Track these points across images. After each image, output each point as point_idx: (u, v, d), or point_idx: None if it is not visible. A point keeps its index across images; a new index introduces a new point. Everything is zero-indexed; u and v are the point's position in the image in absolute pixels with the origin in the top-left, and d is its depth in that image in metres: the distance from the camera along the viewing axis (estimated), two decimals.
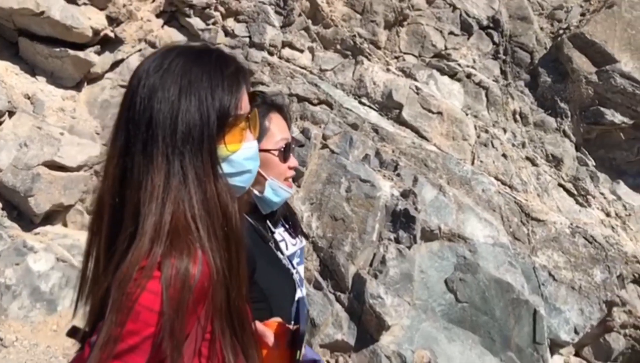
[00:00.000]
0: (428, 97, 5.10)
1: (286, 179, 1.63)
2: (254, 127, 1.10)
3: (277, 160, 1.60)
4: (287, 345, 1.09)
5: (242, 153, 1.04)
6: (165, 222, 0.91)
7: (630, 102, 4.95)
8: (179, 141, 0.95)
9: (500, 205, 4.60)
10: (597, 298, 4.41)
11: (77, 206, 4.31)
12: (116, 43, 4.90)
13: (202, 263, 0.90)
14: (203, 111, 0.97)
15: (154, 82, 0.98)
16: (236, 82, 1.03)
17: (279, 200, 1.61)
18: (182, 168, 0.95)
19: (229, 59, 1.07)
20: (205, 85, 0.99)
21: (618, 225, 4.84)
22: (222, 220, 0.96)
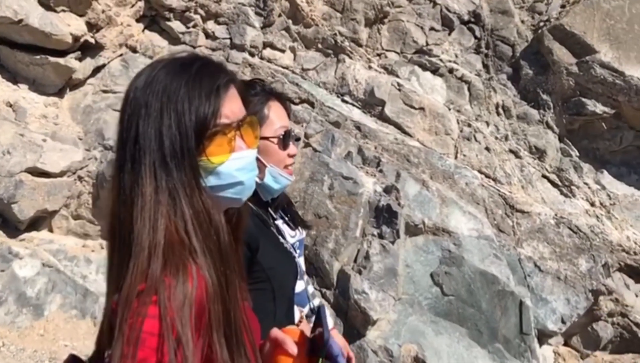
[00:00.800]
0: (410, 93, 5.13)
1: (286, 166, 1.64)
2: (250, 135, 1.06)
3: (277, 148, 1.61)
4: (306, 352, 1.07)
5: (231, 164, 1.01)
6: (159, 239, 0.91)
7: (611, 92, 4.98)
8: (165, 158, 0.96)
9: (484, 198, 4.62)
10: (583, 287, 4.43)
11: (62, 211, 4.32)
12: (97, 49, 4.91)
13: (197, 277, 0.90)
14: (181, 125, 0.96)
15: (139, 99, 0.99)
16: (216, 91, 1.00)
17: (279, 187, 1.63)
18: (169, 184, 0.95)
19: (211, 68, 1.04)
20: (183, 98, 0.98)
21: (603, 214, 4.86)
22: (213, 233, 0.96)
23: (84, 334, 3.75)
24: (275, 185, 1.62)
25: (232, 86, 1.05)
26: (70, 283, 3.95)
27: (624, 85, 4.92)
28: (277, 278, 1.53)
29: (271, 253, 1.56)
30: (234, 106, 1.03)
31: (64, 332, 3.74)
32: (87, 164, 4.37)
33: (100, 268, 4.18)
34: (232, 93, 1.04)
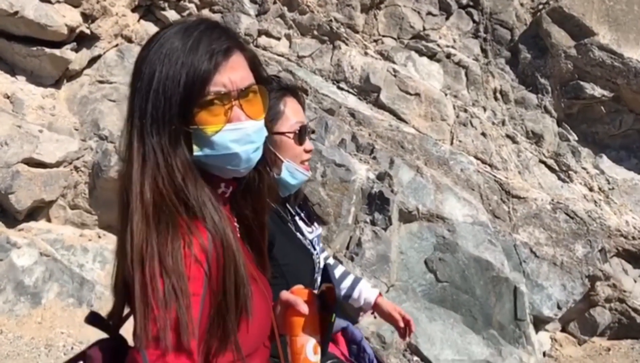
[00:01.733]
0: (405, 79, 5.09)
1: (302, 162, 1.64)
2: (255, 106, 1.01)
3: (293, 143, 1.61)
4: (317, 310, 1.10)
5: (226, 135, 0.97)
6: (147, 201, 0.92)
7: (610, 75, 4.91)
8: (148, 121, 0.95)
9: (480, 184, 4.60)
10: (579, 273, 4.41)
11: (59, 201, 4.37)
12: (92, 40, 4.93)
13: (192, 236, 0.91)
14: (167, 90, 0.94)
15: (140, 61, 0.99)
16: (211, 57, 0.95)
17: (296, 182, 1.64)
18: (153, 148, 0.95)
19: (214, 33, 0.99)
20: (177, 62, 0.95)
21: (601, 199, 4.82)
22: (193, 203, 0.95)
23: (80, 322, 3.81)
24: (293, 180, 1.62)
25: (236, 53, 1.00)
26: (67, 272, 4.01)
27: (622, 67, 4.85)
28: (292, 274, 1.53)
29: (287, 249, 1.57)
30: (234, 75, 0.98)
31: (60, 319, 3.81)
32: (83, 155, 4.42)
33: (97, 257, 4.24)
34: (234, 61, 0.99)
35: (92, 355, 1.02)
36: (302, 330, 1.09)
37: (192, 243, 0.90)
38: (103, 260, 4.23)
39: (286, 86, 1.68)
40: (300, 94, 1.73)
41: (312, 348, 1.09)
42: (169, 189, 0.94)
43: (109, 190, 4.38)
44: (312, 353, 1.09)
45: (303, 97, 1.74)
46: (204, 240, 0.92)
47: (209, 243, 0.93)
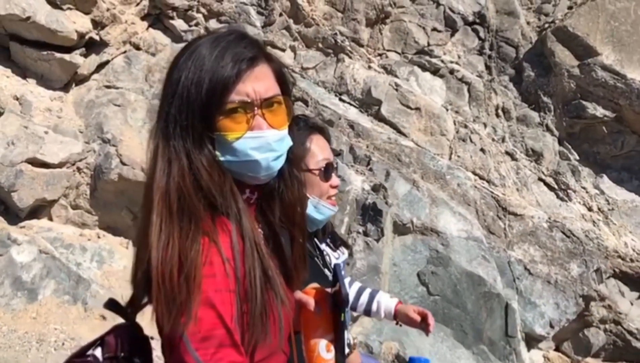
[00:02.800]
0: (407, 93, 5.14)
1: (329, 197, 1.67)
2: (278, 116, 1.04)
3: (319, 179, 1.64)
4: (329, 308, 1.11)
5: (247, 142, 1.00)
6: (172, 200, 0.95)
7: (612, 95, 4.90)
8: (170, 125, 0.99)
9: (476, 199, 4.60)
10: (574, 292, 4.37)
11: (61, 201, 4.47)
12: (101, 46, 5.07)
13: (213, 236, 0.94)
14: (190, 95, 0.98)
15: (171, 67, 1.03)
16: (235, 67, 0.98)
17: (322, 218, 1.66)
18: (179, 149, 0.98)
19: (241, 44, 1.02)
20: (205, 65, 0.98)
21: (600, 220, 4.79)
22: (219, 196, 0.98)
23: (74, 319, 3.89)
24: (319, 216, 1.65)
25: (262, 64, 1.03)
26: (64, 269, 4.10)
27: (625, 88, 4.84)
28: None
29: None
30: (259, 85, 1.01)
31: (55, 316, 3.88)
32: (86, 157, 4.52)
33: (95, 256, 4.33)
34: (259, 71, 1.02)
35: (109, 340, 1.06)
36: (315, 329, 1.11)
37: (220, 242, 0.94)
38: (101, 260, 4.31)
39: (313, 124, 1.73)
40: (327, 131, 1.77)
41: (324, 346, 1.11)
42: (193, 190, 0.96)
43: (109, 192, 4.48)
44: (325, 350, 1.11)
45: (329, 134, 1.79)
46: (231, 238, 0.96)
47: (235, 241, 0.96)
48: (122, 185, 4.40)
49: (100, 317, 3.89)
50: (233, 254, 0.94)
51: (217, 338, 0.89)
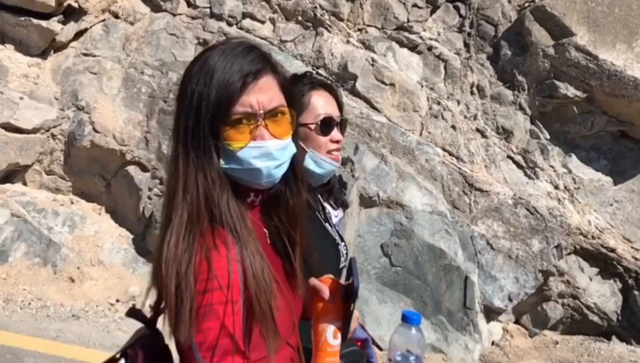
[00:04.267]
0: (382, 68, 5.18)
1: (329, 152, 1.68)
2: (282, 127, 1.09)
3: (315, 133, 1.66)
4: (341, 299, 1.17)
5: (249, 152, 1.05)
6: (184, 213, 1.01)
7: (584, 76, 4.94)
8: (183, 135, 1.04)
9: (443, 175, 4.69)
10: (533, 267, 4.49)
11: (35, 166, 4.56)
12: (80, 13, 5.10)
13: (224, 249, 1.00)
14: (201, 107, 1.03)
15: (184, 77, 1.08)
16: (241, 79, 1.04)
17: (322, 172, 1.67)
18: (194, 160, 1.03)
19: (248, 56, 1.07)
20: (214, 78, 1.03)
21: (565, 198, 4.87)
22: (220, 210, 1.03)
23: (43, 280, 4.01)
24: (319, 169, 1.65)
25: (267, 76, 1.08)
26: (35, 233, 4.21)
27: (597, 69, 4.87)
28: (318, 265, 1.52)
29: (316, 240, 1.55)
30: (262, 96, 1.05)
31: (25, 277, 4.01)
32: (61, 123, 4.60)
33: (67, 221, 4.43)
34: (264, 83, 1.07)
35: (132, 354, 1.10)
36: (325, 315, 1.17)
37: (222, 253, 0.99)
38: (72, 225, 4.42)
39: (317, 80, 1.75)
40: (333, 88, 1.78)
41: (332, 333, 1.16)
42: (204, 202, 1.02)
43: (82, 159, 4.56)
44: (332, 337, 1.16)
45: (336, 90, 1.79)
46: (230, 249, 1.01)
47: (237, 251, 1.01)
48: (95, 152, 4.48)
49: (69, 279, 4.02)
50: (238, 264, 1.00)
51: (222, 347, 0.96)
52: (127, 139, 4.53)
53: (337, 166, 1.70)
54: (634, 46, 4.89)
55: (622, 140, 5.08)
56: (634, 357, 4.32)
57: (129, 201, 4.54)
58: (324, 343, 1.17)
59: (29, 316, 3.39)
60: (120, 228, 4.50)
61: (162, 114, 4.69)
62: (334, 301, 1.17)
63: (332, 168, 1.69)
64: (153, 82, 4.89)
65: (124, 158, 4.52)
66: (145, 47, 5.09)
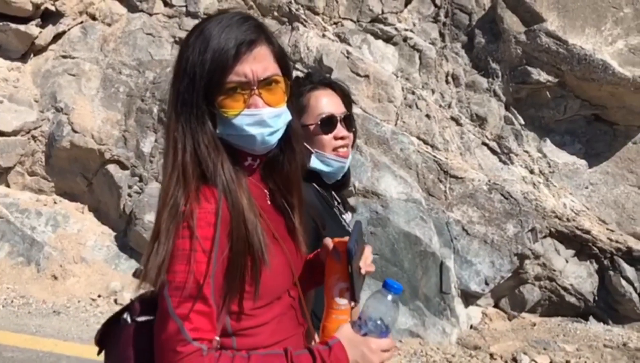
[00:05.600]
0: (357, 61, 5.25)
1: (335, 149, 1.71)
2: (275, 95, 1.14)
3: (317, 133, 1.69)
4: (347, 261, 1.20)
5: (243, 119, 1.11)
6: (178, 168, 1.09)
7: (555, 61, 5.00)
8: (179, 101, 1.10)
9: (418, 163, 4.77)
10: (509, 251, 4.57)
11: (17, 168, 4.65)
12: (57, 16, 5.18)
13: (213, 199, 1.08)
14: (196, 75, 1.08)
15: (181, 46, 1.15)
16: (235, 49, 1.08)
17: (331, 169, 1.70)
18: (184, 123, 1.10)
19: (243, 27, 1.12)
20: (210, 47, 1.08)
21: (541, 182, 4.95)
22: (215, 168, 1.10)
23: (26, 279, 4.11)
24: (327, 168, 1.68)
25: (261, 45, 1.14)
26: (18, 233, 4.30)
27: (567, 54, 4.93)
28: None
29: (335, 234, 1.59)
30: (256, 65, 1.11)
31: (9, 276, 4.10)
32: (41, 125, 4.68)
33: (50, 220, 4.53)
34: (258, 52, 1.12)
35: (135, 306, 1.19)
36: (332, 274, 1.22)
37: (205, 207, 1.06)
38: (55, 224, 4.51)
39: (317, 80, 1.78)
40: (336, 84, 1.80)
41: (338, 292, 1.21)
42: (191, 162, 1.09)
43: (63, 159, 4.65)
44: (338, 295, 1.21)
45: (340, 86, 1.82)
46: (214, 204, 1.07)
47: (219, 207, 1.07)
48: (74, 152, 4.57)
49: (52, 277, 4.12)
50: (216, 219, 1.06)
51: (188, 290, 1.03)
52: (105, 138, 4.62)
53: (344, 162, 1.72)
54: (602, 29, 4.96)
55: (596, 123, 5.15)
56: (609, 336, 4.40)
57: (110, 199, 4.63)
58: (331, 301, 1.21)
59: (10, 313, 3.49)
60: (102, 226, 4.59)
61: (140, 113, 4.77)
62: (341, 261, 1.21)
63: (340, 165, 1.71)
64: (130, 81, 4.98)
65: (103, 156, 4.61)
66: (122, 47, 5.17)
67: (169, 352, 1.02)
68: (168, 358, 1.03)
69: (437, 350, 4.12)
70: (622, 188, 4.93)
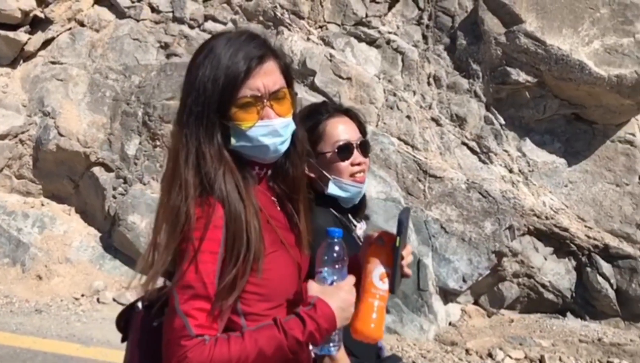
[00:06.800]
0: (340, 63, 5.35)
1: (352, 175, 1.74)
2: (284, 106, 1.22)
3: (334, 160, 1.74)
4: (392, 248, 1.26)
5: (258, 130, 1.18)
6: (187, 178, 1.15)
7: (534, 61, 5.07)
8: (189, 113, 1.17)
9: (397, 163, 4.85)
10: (486, 248, 4.64)
11: (5, 171, 4.77)
12: (46, 23, 5.31)
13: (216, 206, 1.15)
14: (207, 89, 1.16)
15: (191, 64, 1.22)
16: (248, 66, 1.17)
17: (348, 195, 1.75)
18: (189, 135, 1.17)
19: (252, 44, 1.21)
20: (222, 63, 1.16)
21: (520, 181, 5.02)
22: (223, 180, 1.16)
23: (12, 279, 4.22)
24: (344, 193, 1.73)
25: (270, 60, 1.22)
26: (5, 234, 4.42)
27: (545, 54, 5.00)
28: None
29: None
30: (267, 79, 1.20)
31: None
32: (28, 129, 4.80)
33: (37, 222, 4.64)
34: (267, 68, 1.21)
35: (146, 295, 1.27)
36: (374, 257, 1.27)
37: (208, 212, 1.14)
38: (42, 226, 4.62)
39: (332, 109, 1.85)
40: (352, 111, 1.88)
41: (379, 275, 1.25)
42: (196, 170, 1.16)
43: (50, 162, 4.77)
44: (378, 278, 1.25)
45: (355, 113, 1.90)
46: (218, 210, 1.14)
47: (225, 214, 1.15)
48: (61, 155, 4.68)
49: (37, 277, 4.22)
50: (221, 223, 1.14)
51: (194, 290, 1.11)
52: (90, 141, 4.73)
53: (361, 187, 1.78)
54: (579, 30, 5.03)
55: (576, 122, 5.21)
56: (584, 331, 4.46)
57: (96, 201, 4.75)
58: (369, 284, 1.24)
59: None
60: (89, 227, 4.70)
61: (125, 116, 4.88)
62: (385, 246, 1.27)
63: (357, 190, 1.76)
64: (117, 85, 5.09)
65: (88, 159, 4.73)
66: (109, 52, 5.29)
67: (174, 346, 1.10)
68: (174, 351, 1.11)
69: (414, 346, 4.20)
70: (601, 185, 4.99)
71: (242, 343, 1.12)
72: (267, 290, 1.20)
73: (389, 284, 1.25)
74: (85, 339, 3.29)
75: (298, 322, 1.15)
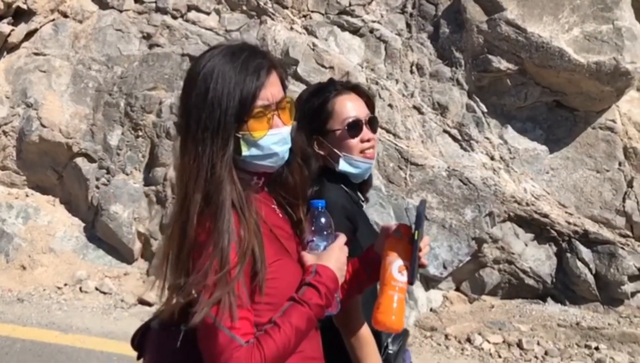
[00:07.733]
0: (322, 52, 5.36)
1: (362, 151, 1.76)
2: (287, 114, 1.28)
3: (345, 137, 1.75)
4: (409, 241, 1.31)
5: (269, 139, 1.23)
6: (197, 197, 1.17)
7: (515, 49, 5.09)
8: (201, 130, 1.19)
9: (379, 151, 4.88)
10: (467, 235, 4.69)
11: None
12: (29, 14, 5.31)
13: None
14: (222, 103, 1.18)
15: (192, 77, 1.25)
16: (257, 78, 1.21)
17: (359, 171, 1.78)
18: (203, 150, 1.18)
19: (257, 58, 1.26)
20: (233, 79, 1.20)
21: (501, 168, 5.05)
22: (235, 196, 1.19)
23: None
24: (355, 170, 1.76)
25: (273, 72, 1.28)
26: None
27: (525, 42, 5.02)
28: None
29: (366, 233, 1.75)
30: (274, 90, 1.25)
31: None
32: (12, 121, 4.83)
33: (21, 213, 4.68)
34: (272, 78, 1.26)
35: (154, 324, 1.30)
36: (392, 250, 1.31)
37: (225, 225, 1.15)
38: (26, 216, 4.66)
39: (340, 86, 1.86)
40: (360, 88, 1.90)
41: (397, 267, 1.29)
42: (208, 182, 1.18)
43: (33, 153, 4.80)
44: (397, 271, 1.29)
45: (364, 89, 1.92)
46: (233, 220, 1.16)
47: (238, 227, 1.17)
48: (44, 146, 4.71)
49: (21, 267, 4.27)
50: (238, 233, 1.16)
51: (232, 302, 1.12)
52: (72, 132, 4.76)
53: (371, 163, 1.81)
54: (559, 17, 5.04)
55: (557, 109, 5.24)
56: (563, 316, 4.52)
57: (79, 192, 4.78)
58: (389, 277, 1.28)
59: None
60: (73, 218, 4.74)
61: (107, 107, 4.91)
62: (403, 238, 1.31)
63: (367, 166, 1.79)
64: (100, 76, 5.11)
65: (71, 150, 4.76)
66: (92, 43, 5.30)
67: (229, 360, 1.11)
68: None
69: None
70: (581, 172, 5.03)
71: (281, 331, 1.16)
72: (276, 299, 1.22)
73: (407, 276, 1.29)
74: (65, 327, 3.35)
75: (312, 290, 1.21)
